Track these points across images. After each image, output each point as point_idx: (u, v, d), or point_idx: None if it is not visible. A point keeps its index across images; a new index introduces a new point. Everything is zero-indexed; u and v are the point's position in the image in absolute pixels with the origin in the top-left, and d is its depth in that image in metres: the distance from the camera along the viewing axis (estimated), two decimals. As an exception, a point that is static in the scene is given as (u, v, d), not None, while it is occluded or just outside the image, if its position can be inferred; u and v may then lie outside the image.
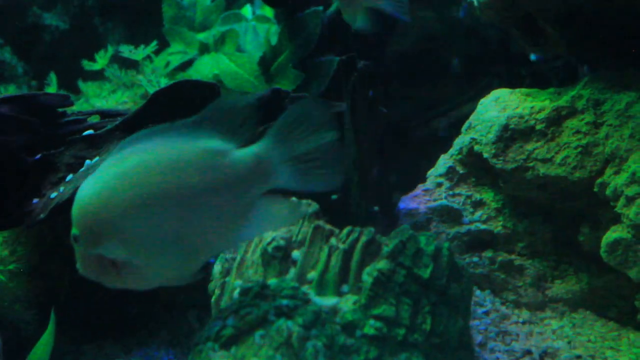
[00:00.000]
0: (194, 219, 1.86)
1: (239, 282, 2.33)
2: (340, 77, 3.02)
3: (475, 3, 2.98)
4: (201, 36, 3.62)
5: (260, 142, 1.90)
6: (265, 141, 1.90)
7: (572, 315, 2.86)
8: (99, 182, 1.85)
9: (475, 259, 2.96)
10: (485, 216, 2.98)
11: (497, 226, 2.96)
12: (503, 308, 2.90)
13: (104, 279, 1.92)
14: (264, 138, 1.90)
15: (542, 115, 2.82)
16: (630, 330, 2.78)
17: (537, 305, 2.90)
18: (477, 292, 2.93)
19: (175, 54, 3.58)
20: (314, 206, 2.41)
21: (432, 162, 3.16)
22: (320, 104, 1.92)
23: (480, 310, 2.86)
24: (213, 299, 2.48)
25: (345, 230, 2.33)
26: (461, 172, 3.05)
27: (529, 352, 2.65)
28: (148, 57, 3.57)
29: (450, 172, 3.05)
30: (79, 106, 3.44)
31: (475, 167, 3.02)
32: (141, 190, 1.83)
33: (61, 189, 2.55)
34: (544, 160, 2.79)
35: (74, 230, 1.87)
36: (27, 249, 2.83)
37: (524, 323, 2.84)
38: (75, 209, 1.86)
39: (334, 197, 2.94)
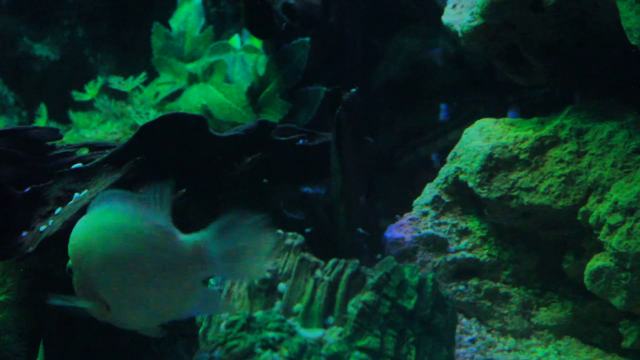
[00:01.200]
0: (145, 288, 2.00)
1: (225, 314, 2.36)
2: (326, 108, 3.05)
3: (460, 34, 3.02)
4: (190, 66, 3.65)
5: (202, 232, 2.02)
6: (206, 233, 2.01)
7: (557, 342, 2.88)
8: (86, 229, 2.02)
9: (461, 287, 2.98)
10: (470, 245, 3.00)
11: (482, 254, 2.98)
12: (489, 336, 2.93)
13: (91, 310, 2.05)
14: (206, 230, 2.02)
15: (525, 145, 2.86)
16: (615, 356, 2.80)
17: (523, 332, 2.93)
18: (464, 320, 2.96)
19: (164, 85, 3.62)
20: (299, 239, 2.44)
21: (419, 190, 3.19)
22: (257, 218, 2.02)
23: (466, 338, 2.88)
24: (200, 331, 2.50)
25: (330, 263, 2.36)
26: (447, 201, 3.08)
27: (514, 380, 2.68)
28: (137, 87, 3.60)
29: (436, 201, 3.08)
30: (68, 136, 3.47)
31: (460, 196, 3.05)
32: (110, 250, 1.98)
33: (50, 222, 2.57)
34: (528, 189, 2.82)
35: (69, 263, 2.05)
36: (17, 280, 2.85)
37: (509, 350, 2.86)
38: (69, 247, 2.04)
39: (308, 230, 2.99)
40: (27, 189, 2.66)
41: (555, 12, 2.76)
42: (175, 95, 3.61)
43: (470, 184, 2.92)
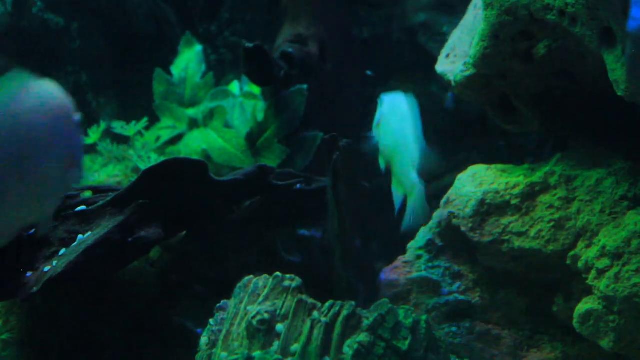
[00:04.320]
0: None
1: (224, 354, 2.42)
2: (323, 153, 3.13)
3: (453, 83, 3.10)
4: (190, 112, 3.73)
5: None
6: None
7: (547, 384, 2.93)
8: None
9: (454, 328, 3.03)
10: (463, 287, 3.06)
11: (474, 297, 3.03)
12: (481, 377, 2.98)
13: None
14: None
15: (517, 191, 2.92)
16: (603, 397, 2.85)
17: (514, 373, 2.98)
18: (456, 361, 3.01)
19: (165, 129, 3.70)
20: (297, 281, 2.51)
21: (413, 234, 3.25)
22: None
23: (459, 379, 2.94)
24: (199, 370, 2.56)
25: (327, 304, 2.43)
26: (440, 244, 3.13)
27: (506, 421, 2.72)
28: (139, 132, 3.68)
29: (429, 245, 3.14)
30: (71, 178, 3.52)
31: (453, 240, 3.11)
32: None
33: (54, 262, 2.64)
34: (519, 234, 2.88)
35: None
36: (20, 319, 2.91)
37: (501, 391, 2.91)
38: None
39: None
40: (32, 231, 2.73)
41: (544, 63, 2.83)
42: (176, 140, 3.68)
43: (463, 228, 2.98)
